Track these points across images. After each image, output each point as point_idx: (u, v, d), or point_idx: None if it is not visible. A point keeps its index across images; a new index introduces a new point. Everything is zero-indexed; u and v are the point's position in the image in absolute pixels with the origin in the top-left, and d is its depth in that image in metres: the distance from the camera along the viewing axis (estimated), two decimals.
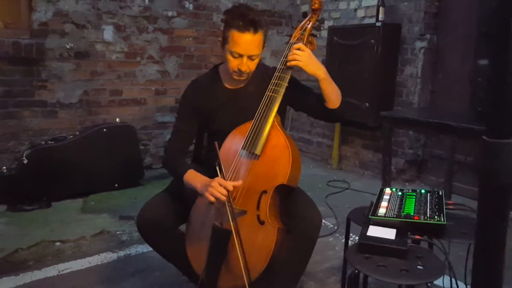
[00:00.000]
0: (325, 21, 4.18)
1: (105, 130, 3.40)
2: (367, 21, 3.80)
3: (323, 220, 2.88)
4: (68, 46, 3.43)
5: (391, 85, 3.61)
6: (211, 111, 1.84)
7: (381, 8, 3.49)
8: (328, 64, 3.98)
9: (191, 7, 3.93)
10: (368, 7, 3.81)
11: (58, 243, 2.49)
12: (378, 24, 3.46)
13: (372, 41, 3.46)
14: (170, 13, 3.84)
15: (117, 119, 3.59)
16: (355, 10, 3.94)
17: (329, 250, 2.46)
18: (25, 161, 3.10)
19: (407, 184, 3.62)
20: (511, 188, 0.63)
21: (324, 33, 4.07)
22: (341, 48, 3.75)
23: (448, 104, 3.35)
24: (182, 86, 2.55)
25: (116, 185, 3.40)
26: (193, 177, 1.70)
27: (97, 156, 3.33)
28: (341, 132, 4.13)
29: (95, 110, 3.62)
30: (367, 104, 3.54)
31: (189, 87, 1.90)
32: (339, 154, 4.21)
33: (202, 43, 4.01)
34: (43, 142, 3.30)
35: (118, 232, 2.65)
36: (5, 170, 3.12)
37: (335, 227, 2.78)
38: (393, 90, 3.62)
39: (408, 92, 3.55)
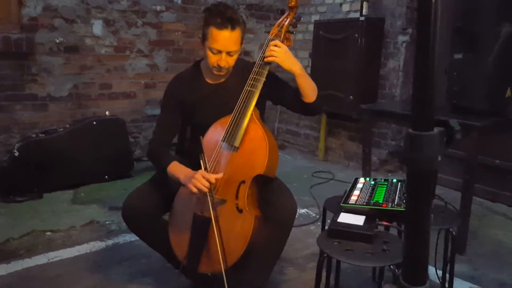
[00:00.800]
0: (312, 15, 4.27)
1: (95, 123, 3.47)
2: (352, 15, 3.88)
3: (306, 209, 3.00)
4: (58, 41, 3.49)
5: (374, 78, 3.70)
6: (193, 105, 1.92)
7: (365, 2, 3.57)
8: (313, 57, 4.07)
9: (179, 1, 3.99)
10: (353, 1, 3.89)
11: (48, 233, 2.57)
12: (362, 18, 3.54)
13: (356, 35, 3.55)
14: (158, 8, 3.89)
15: (106, 112, 3.66)
16: (341, 4, 4.02)
17: (310, 237, 2.57)
18: (16, 154, 3.17)
19: (390, 174, 3.73)
20: (431, 174, 0.72)
21: (311, 27, 4.15)
22: (327, 42, 3.83)
23: None
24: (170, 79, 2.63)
25: (106, 176, 3.49)
26: (177, 169, 1.78)
27: (87, 149, 3.40)
28: (327, 124, 4.23)
29: (85, 103, 3.68)
30: (351, 97, 3.63)
31: (172, 82, 1.99)
32: (325, 146, 4.30)
33: (190, 37, 4.08)
34: (33, 135, 3.36)
35: (107, 222, 2.74)
36: None
37: (317, 216, 2.88)
38: (377, 83, 3.72)
39: (391, 85, 3.65)
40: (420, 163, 0.71)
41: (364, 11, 3.56)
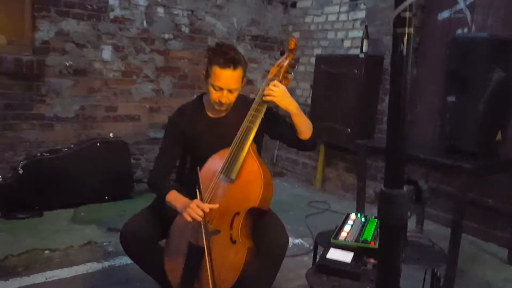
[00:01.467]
0: (314, 49, 4.42)
1: (98, 144, 3.57)
2: (353, 51, 4.01)
3: (301, 239, 3.06)
4: (67, 64, 3.62)
5: (372, 113, 3.81)
6: (194, 137, 2.02)
7: (365, 40, 3.70)
8: (314, 89, 4.19)
9: (187, 30, 4.14)
10: (354, 38, 4.03)
11: (47, 252, 2.63)
12: (362, 55, 3.66)
13: (356, 70, 3.67)
14: (167, 36, 4.04)
15: (110, 134, 3.76)
16: (342, 40, 4.16)
17: (302, 268, 2.61)
18: (20, 171, 3.26)
19: None
20: (400, 229, 0.80)
21: (313, 60, 4.28)
22: (327, 75, 3.96)
23: (425, 135, 3.53)
24: (176, 104, 2.74)
25: (107, 197, 3.56)
26: (174, 198, 1.87)
27: (89, 169, 3.49)
28: (326, 155, 4.31)
29: (91, 124, 3.79)
30: (349, 129, 3.73)
31: (175, 113, 2.09)
32: (323, 176, 4.38)
33: (196, 64, 4.21)
34: (38, 154, 3.46)
35: (104, 243, 2.79)
36: (0, 179, 3.28)
37: (311, 247, 2.93)
38: (374, 118, 3.82)
39: None
40: (390, 219, 0.79)
41: (364, 49, 3.69)
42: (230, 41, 4.32)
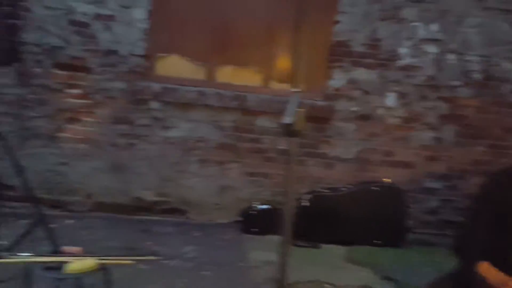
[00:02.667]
0: None
1: (374, 188, 3.66)
2: None
3: None
4: (354, 109, 3.88)
5: None
6: None
7: None
8: None
9: (478, 77, 3.85)
10: None
11: (327, 286, 2.80)
12: None
13: None
14: (455, 83, 3.85)
15: (386, 179, 3.80)
16: None
17: None
18: (306, 204, 3.63)
19: None
20: None
21: None
22: None
23: None
24: (457, 155, 2.54)
25: (377, 241, 3.58)
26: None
27: (363, 210, 3.61)
28: None
29: (368, 167, 3.92)
30: None
31: (489, 184, 1.71)
32: None
33: (485, 113, 3.85)
34: (320, 189, 3.79)
35: None
36: None
37: None
38: None
39: None
40: None
41: None
42: None
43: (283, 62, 4.02)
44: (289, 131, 1.44)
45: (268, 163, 3.87)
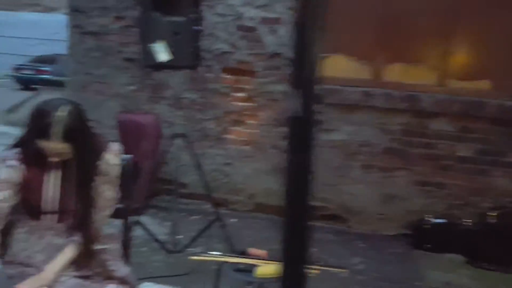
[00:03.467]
0: None
1: None
2: None
3: None
4: None
5: None
6: None
7: None
8: None
9: None
10: None
11: None
12: None
13: None
14: None
15: None
16: None
17: None
18: (493, 220, 3.10)
19: None
20: None
21: None
22: None
23: None
24: None
25: None
26: None
27: None
28: None
29: None
30: None
31: None
32: None
33: None
34: (509, 205, 3.21)
35: None
36: (470, 223, 3.23)
37: None
38: None
39: None
40: None
41: None
42: None
43: (462, 57, 3.54)
44: None
45: (443, 171, 3.43)
